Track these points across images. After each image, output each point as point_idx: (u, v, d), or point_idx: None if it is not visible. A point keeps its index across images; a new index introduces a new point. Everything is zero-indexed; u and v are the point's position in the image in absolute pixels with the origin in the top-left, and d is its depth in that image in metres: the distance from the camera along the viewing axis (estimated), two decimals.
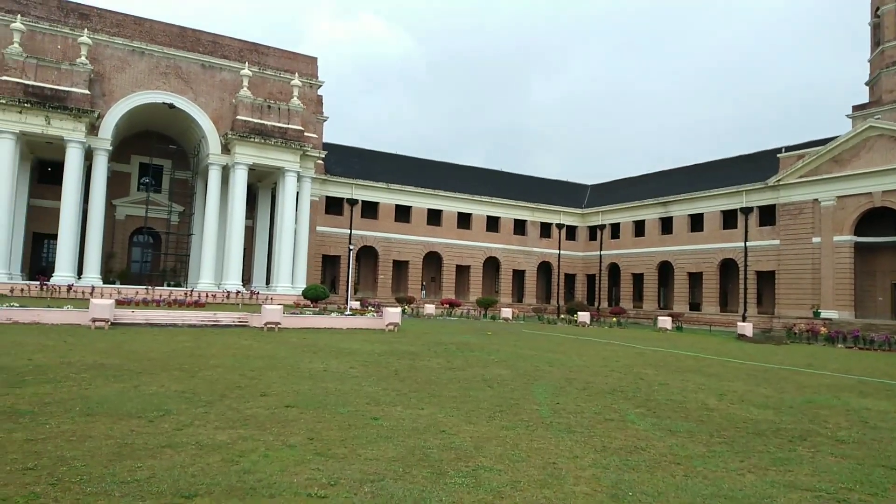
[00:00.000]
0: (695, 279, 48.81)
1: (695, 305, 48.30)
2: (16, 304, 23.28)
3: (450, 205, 52.89)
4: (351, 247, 37.94)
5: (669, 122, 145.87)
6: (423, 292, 53.05)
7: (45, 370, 11.46)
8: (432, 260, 53.32)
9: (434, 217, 52.71)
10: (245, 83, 37.97)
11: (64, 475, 5.61)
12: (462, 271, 54.16)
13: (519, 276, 57.48)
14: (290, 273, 39.05)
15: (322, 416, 8.84)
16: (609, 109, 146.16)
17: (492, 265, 56.20)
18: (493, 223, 55.59)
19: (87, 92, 34.15)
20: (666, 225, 51.05)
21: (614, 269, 56.57)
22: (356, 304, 34.61)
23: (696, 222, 48.42)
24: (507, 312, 41.35)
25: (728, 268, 46.56)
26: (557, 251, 58.25)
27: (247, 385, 11.07)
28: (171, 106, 37.19)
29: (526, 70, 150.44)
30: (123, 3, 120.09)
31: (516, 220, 56.56)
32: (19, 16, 33.90)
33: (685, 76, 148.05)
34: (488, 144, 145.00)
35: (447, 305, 44.75)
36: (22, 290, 30.91)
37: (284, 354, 16.13)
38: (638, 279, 53.71)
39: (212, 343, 17.99)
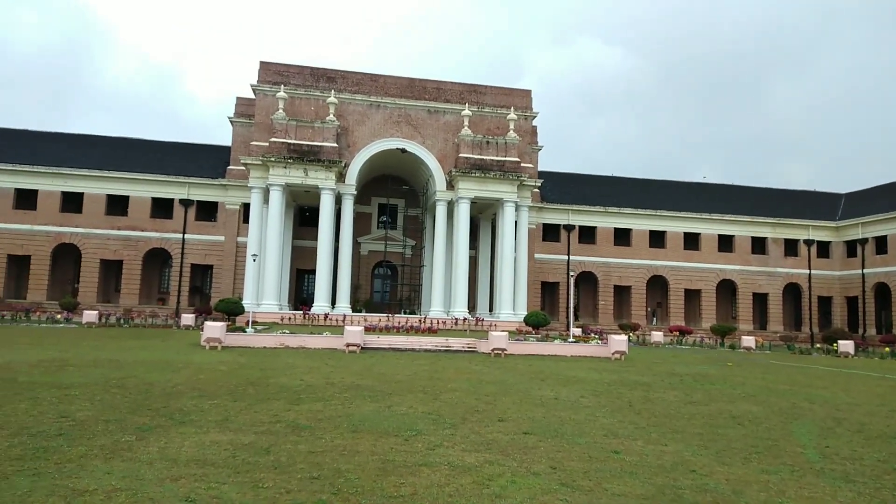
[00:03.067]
0: None
1: None
2: (286, 331, 27.23)
3: (674, 225, 49.87)
4: (572, 273, 37.65)
5: None
6: (655, 319, 50.45)
7: (314, 389, 13.16)
8: (656, 284, 50.57)
9: (657, 239, 50.10)
10: (465, 122, 40.37)
11: (342, 486, 6.34)
12: (691, 296, 50.44)
13: (760, 299, 51.75)
14: (512, 300, 39.99)
15: (560, 445, 8.81)
16: (867, 108, 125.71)
17: (726, 288, 51.46)
18: (725, 242, 51.03)
19: (335, 145, 39.16)
20: None
21: (883, 290, 48.05)
22: (578, 331, 34.12)
23: None
24: (748, 341, 37.38)
25: None
26: (808, 271, 51.31)
27: (484, 409, 11.50)
28: (403, 150, 40.94)
29: (766, 72, 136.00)
30: (363, 62, 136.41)
31: (754, 238, 51.22)
32: (282, 86, 40.24)
33: None
34: (721, 158, 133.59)
35: (676, 333, 41.93)
36: (289, 318, 36.06)
37: (514, 381, 16.46)
38: None
39: (446, 367, 19.08)
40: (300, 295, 46.97)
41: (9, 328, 28.66)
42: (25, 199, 43.09)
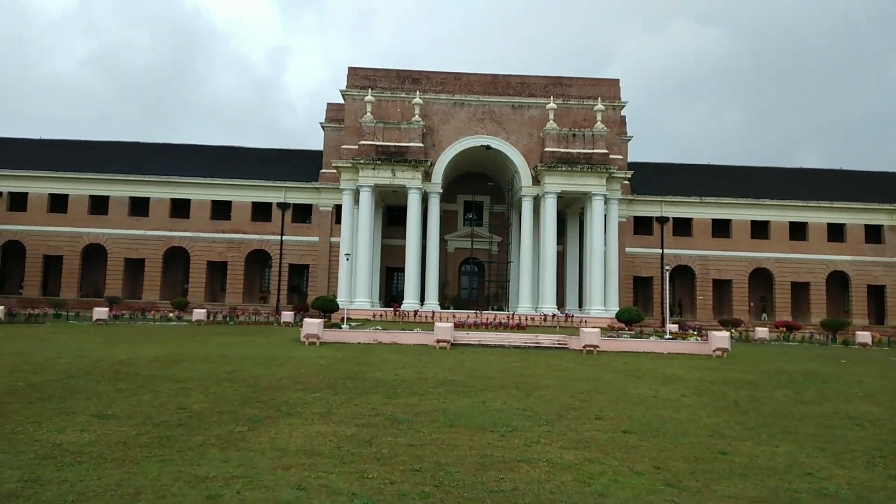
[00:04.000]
0: None
1: None
2: (379, 327, 27.96)
3: (779, 214, 46.88)
4: (667, 267, 36.31)
5: None
6: (765, 315, 47.74)
7: (409, 384, 13.44)
8: (760, 277, 47.74)
9: (759, 229, 47.28)
10: (551, 116, 39.80)
11: (443, 479, 6.44)
12: (798, 289, 47.25)
13: (875, 292, 47.74)
14: (602, 296, 39.05)
15: (663, 444, 8.53)
16: None
17: (837, 281, 47.84)
18: (835, 231, 47.42)
19: (421, 145, 39.73)
20: None
21: None
22: (674, 328, 32.83)
23: None
24: (863, 336, 34.57)
25: None
26: None
27: (579, 407, 11.31)
28: (488, 147, 40.94)
29: (882, 49, 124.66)
30: (449, 62, 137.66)
31: (868, 226, 47.29)
32: (369, 90, 41.28)
33: None
34: (829, 142, 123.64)
35: (783, 329, 39.42)
36: (381, 315, 36.98)
37: (609, 378, 16.09)
38: None
39: (537, 364, 18.92)
40: (390, 292, 48.06)
41: (127, 326, 31.16)
42: (139, 207, 46.64)
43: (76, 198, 46.35)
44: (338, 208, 44.39)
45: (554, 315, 36.44)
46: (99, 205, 46.49)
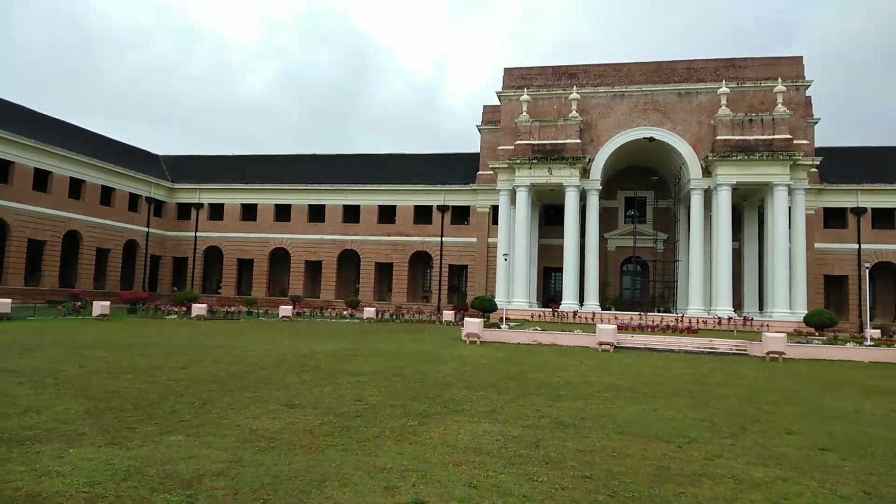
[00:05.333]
0: None
1: None
2: (538, 328, 27.75)
3: None
4: (866, 264, 31.96)
5: None
6: None
7: (573, 387, 13.12)
8: None
9: None
10: (723, 101, 36.85)
11: (617, 488, 6.15)
12: None
13: None
14: (787, 297, 35.30)
15: (872, 466, 7.43)
16: None
17: None
18: None
19: (578, 141, 38.83)
20: None
21: None
22: (875, 333, 28.74)
23: None
24: None
25: None
26: None
27: (766, 420, 10.27)
28: (651, 139, 38.94)
29: None
30: (607, 54, 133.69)
31: None
32: (525, 89, 41.17)
33: None
34: None
35: None
36: (539, 315, 36.72)
37: (798, 389, 14.46)
38: None
39: (713, 371, 17.56)
40: (547, 293, 47.57)
41: (308, 323, 34.02)
42: (317, 213, 50.79)
43: (264, 207, 51.63)
44: (495, 209, 44.85)
45: (730, 318, 33.73)
46: (283, 213, 51.42)
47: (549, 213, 46.88)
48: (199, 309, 33.33)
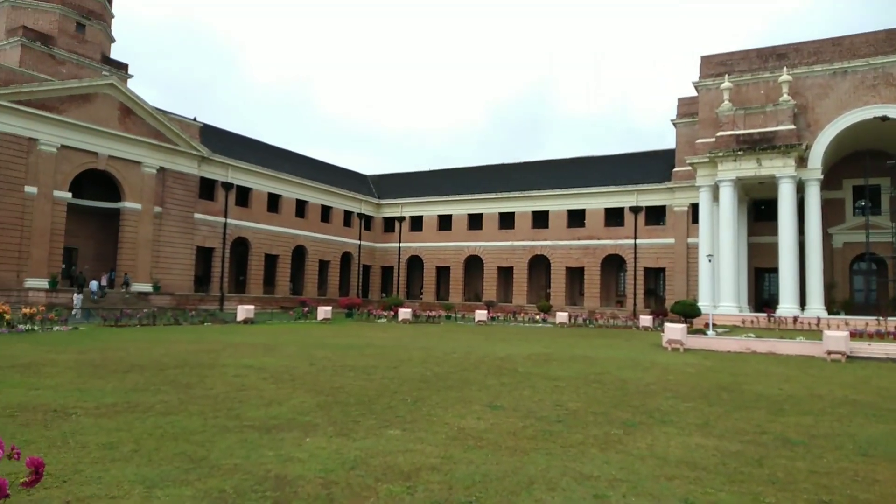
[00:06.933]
0: None
1: None
2: (751, 335, 25.30)
3: None
4: None
5: None
6: None
7: (797, 401, 11.76)
8: None
9: None
10: None
11: None
12: None
13: None
14: None
15: None
16: None
17: None
18: None
19: (791, 127, 34.85)
20: None
21: None
22: None
23: None
24: None
25: None
26: None
27: None
28: (885, 118, 33.64)
29: None
30: (819, 29, 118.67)
31: None
32: (725, 76, 37.99)
33: None
34: None
35: None
36: (751, 321, 33.49)
37: None
38: None
39: None
40: (760, 296, 43.24)
41: (502, 327, 34.76)
42: (506, 221, 51.85)
43: (458, 217, 54.05)
44: (694, 207, 42.00)
45: None
46: (475, 221, 53.35)
47: (758, 209, 42.69)
48: (404, 313, 35.88)
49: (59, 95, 34.19)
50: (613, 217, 47.55)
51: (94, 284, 35.05)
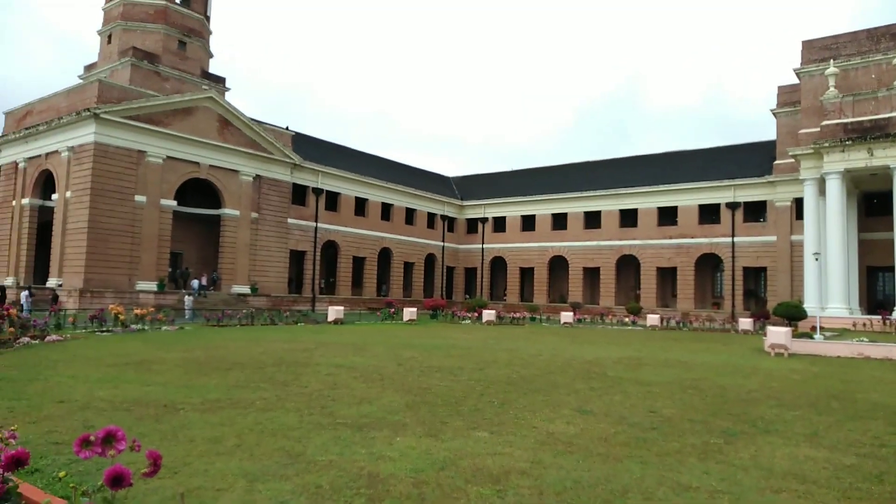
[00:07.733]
0: None
1: None
2: (864, 339, 23.38)
3: None
4: None
5: None
6: None
7: None
8: None
9: None
10: None
11: None
12: None
13: None
14: None
15: None
16: None
17: None
18: None
19: None
20: None
21: None
22: None
23: None
24: None
25: None
26: None
27: None
28: None
29: None
30: None
31: None
32: (831, 61, 35.41)
33: None
34: None
35: None
36: (864, 324, 30.99)
37: None
38: None
39: None
40: (873, 297, 39.94)
41: (589, 329, 34.00)
42: (592, 220, 50.71)
43: (541, 217, 53.45)
44: (798, 202, 39.41)
45: None
46: (559, 221, 52.55)
47: (869, 203, 39.48)
48: (488, 315, 35.85)
49: (164, 110, 36.83)
50: (708, 214, 45.38)
51: (195, 283, 37.52)
